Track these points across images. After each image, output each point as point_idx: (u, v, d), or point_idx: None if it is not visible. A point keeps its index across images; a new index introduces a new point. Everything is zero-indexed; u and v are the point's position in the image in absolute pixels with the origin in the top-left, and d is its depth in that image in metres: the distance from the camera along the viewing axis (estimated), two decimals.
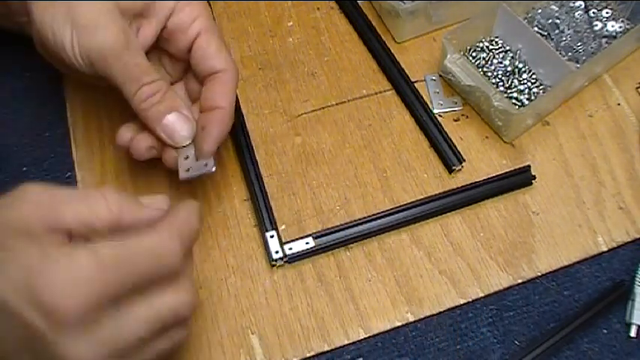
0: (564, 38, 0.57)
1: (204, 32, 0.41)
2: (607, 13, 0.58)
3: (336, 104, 0.55)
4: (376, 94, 0.55)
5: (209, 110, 0.44)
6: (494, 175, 0.51)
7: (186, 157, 0.44)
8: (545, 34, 0.57)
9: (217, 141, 0.43)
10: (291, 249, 0.47)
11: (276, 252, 0.46)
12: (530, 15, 0.58)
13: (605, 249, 0.49)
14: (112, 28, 0.40)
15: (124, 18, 0.41)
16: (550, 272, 0.48)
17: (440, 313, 0.46)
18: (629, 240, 0.49)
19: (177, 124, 0.43)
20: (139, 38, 0.42)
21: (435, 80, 0.56)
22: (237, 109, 0.52)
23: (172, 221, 0.34)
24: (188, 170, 0.43)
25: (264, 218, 0.48)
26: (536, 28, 0.57)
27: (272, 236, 0.47)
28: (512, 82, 0.54)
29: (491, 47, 0.56)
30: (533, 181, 0.51)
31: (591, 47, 0.57)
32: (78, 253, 0.30)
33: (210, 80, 0.44)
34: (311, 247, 0.47)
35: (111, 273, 0.30)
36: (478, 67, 0.55)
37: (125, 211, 0.34)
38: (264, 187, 0.49)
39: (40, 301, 0.29)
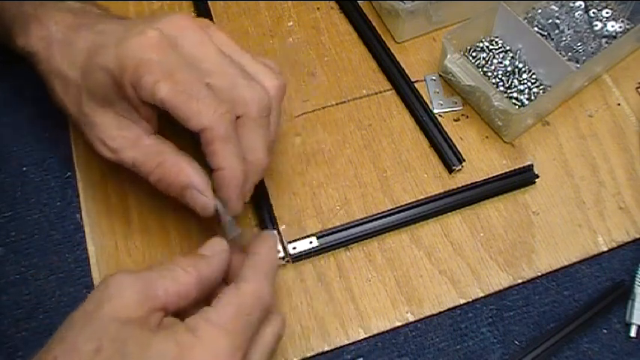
0: (564, 38, 0.57)
1: (165, 98, 0.38)
2: (607, 13, 0.58)
3: (336, 104, 0.55)
4: (376, 94, 0.55)
5: (213, 171, 0.40)
6: (494, 175, 0.51)
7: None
8: (545, 34, 0.57)
9: (234, 205, 0.41)
10: (294, 248, 0.47)
11: (277, 252, 0.46)
12: (530, 15, 0.58)
13: (605, 249, 0.49)
14: (112, 129, 0.42)
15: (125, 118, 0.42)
16: (550, 272, 0.48)
17: (440, 313, 0.46)
18: (629, 240, 0.49)
19: (192, 202, 0.41)
20: (143, 116, 0.42)
21: (435, 80, 0.56)
22: None
23: (259, 265, 0.38)
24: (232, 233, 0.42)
25: (266, 218, 0.48)
26: (536, 28, 0.57)
27: None
28: (512, 82, 0.54)
29: (491, 47, 0.56)
30: (535, 179, 0.51)
31: (591, 47, 0.57)
32: (205, 333, 0.34)
33: (200, 138, 0.40)
34: (314, 247, 0.47)
35: (237, 334, 0.35)
36: (478, 67, 0.55)
37: (200, 267, 0.37)
38: (265, 187, 0.49)
39: None
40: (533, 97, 0.53)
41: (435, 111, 0.54)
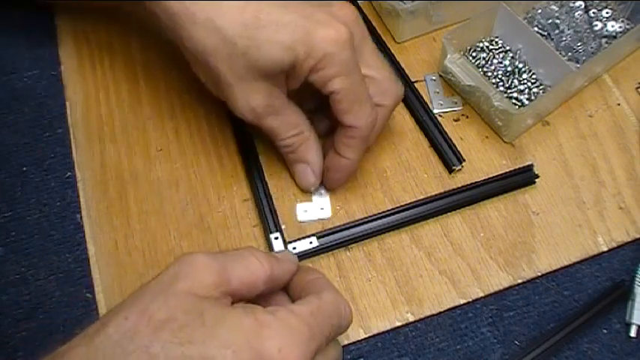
0: (564, 38, 0.57)
1: (337, 91, 0.42)
2: (607, 13, 0.58)
3: None
4: None
5: (336, 155, 0.47)
6: (494, 175, 0.51)
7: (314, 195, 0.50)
8: (545, 34, 0.57)
9: (336, 185, 0.49)
10: (294, 248, 0.47)
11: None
12: (530, 15, 0.58)
13: (605, 249, 0.49)
14: (261, 97, 0.44)
15: (272, 78, 0.44)
16: (550, 272, 0.48)
17: (440, 313, 0.46)
18: (629, 240, 0.49)
19: (301, 175, 0.49)
20: (287, 86, 0.45)
21: (435, 80, 0.56)
22: None
23: (331, 284, 0.39)
24: (306, 211, 0.49)
25: (269, 220, 0.48)
26: (536, 28, 0.57)
27: (276, 238, 0.47)
28: (512, 82, 0.54)
29: (491, 47, 0.56)
30: (536, 179, 0.51)
31: (591, 47, 0.57)
32: (284, 316, 0.34)
33: (342, 129, 0.45)
34: (314, 247, 0.47)
35: (314, 328, 0.34)
36: (478, 67, 0.55)
37: (273, 265, 0.37)
38: (268, 190, 0.49)
39: None
40: (533, 97, 0.53)
41: (435, 111, 0.54)
